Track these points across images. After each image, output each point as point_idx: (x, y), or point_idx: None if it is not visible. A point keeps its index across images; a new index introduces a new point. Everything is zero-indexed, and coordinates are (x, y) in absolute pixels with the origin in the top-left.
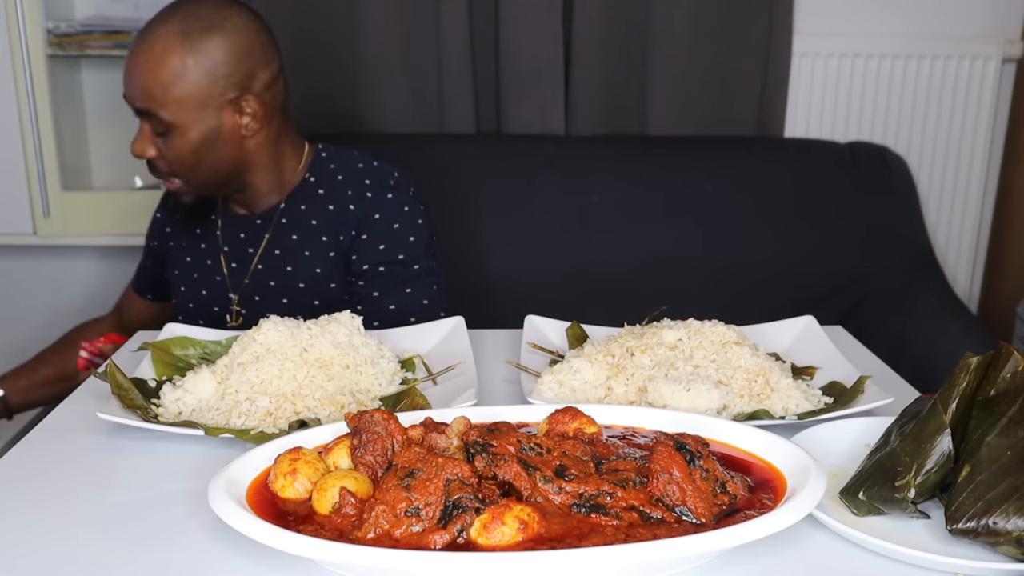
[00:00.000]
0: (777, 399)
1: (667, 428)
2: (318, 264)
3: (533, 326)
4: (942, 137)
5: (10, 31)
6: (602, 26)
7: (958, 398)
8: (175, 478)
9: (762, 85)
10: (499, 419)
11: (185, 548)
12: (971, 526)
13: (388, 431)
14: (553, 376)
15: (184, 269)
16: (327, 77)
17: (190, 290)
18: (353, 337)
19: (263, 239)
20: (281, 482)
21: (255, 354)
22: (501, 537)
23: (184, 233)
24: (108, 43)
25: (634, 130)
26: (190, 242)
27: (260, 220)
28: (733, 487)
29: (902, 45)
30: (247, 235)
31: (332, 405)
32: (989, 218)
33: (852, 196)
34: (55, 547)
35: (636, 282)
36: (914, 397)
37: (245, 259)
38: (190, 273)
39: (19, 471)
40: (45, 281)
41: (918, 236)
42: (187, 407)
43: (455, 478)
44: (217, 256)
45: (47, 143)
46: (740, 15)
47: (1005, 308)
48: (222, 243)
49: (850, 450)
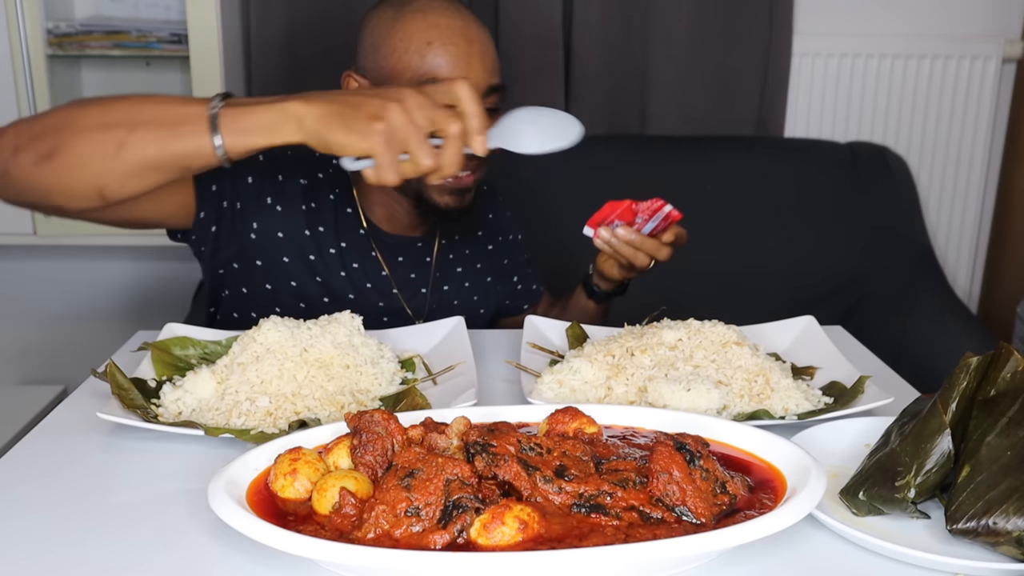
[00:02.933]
0: (777, 399)
1: (667, 428)
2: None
3: (533, 326)
4: (942, 137)
5: (10, 31)
6: (602, 26)
7: (958, 398)
8: (175, 478)
9: (762, 85)
10: (499, 419)
11: (185, 548)
12: (971, 526)
13: (388, 431)
14: (553, 376)
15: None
16: (326, 77)
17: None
18: (353, 337)
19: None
20: (281, 482)
21: (255, 354)
22: (501, 537)
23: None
24: (108, 43)
25: (634, 130)
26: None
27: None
28: (733, 487)
29: (902, 45)
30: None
31: (332, 405)
32: (989, 218)
33: (852, 196)
34: (55, 547)
35: (636, 282)
36: (914, 397)
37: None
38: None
39: (19, 471)
40: (45, 281)
41: (918, 236)
42: (187, 407)
43: (455, 478)
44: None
45: None
46: (740, 15)
47: (1005, 308)
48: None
49: (850, 450)
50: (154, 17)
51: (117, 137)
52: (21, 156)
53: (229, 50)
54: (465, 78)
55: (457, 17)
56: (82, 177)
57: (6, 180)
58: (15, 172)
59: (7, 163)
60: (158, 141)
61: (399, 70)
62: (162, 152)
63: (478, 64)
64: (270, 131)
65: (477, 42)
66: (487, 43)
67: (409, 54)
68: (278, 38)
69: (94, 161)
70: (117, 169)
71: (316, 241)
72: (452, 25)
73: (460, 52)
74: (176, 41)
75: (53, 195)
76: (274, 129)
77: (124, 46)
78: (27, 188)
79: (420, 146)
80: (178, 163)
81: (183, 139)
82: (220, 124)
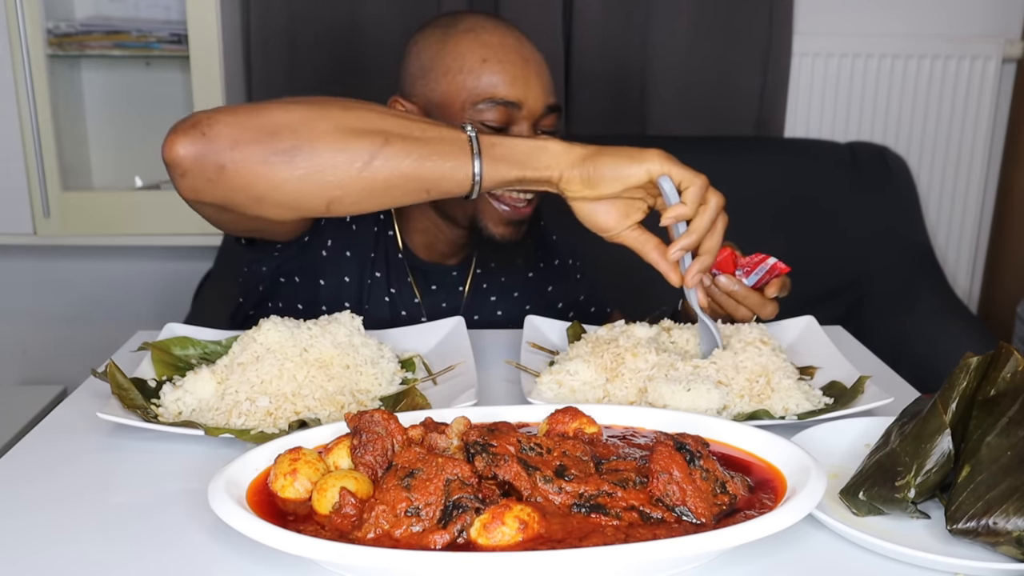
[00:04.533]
0: (777, 399)
1: (667, 428)
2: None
3: (533, 326)
4: (942, 137)
5: (10, 31)
6: (602, 26)
7: (958, 398)
8: (175, 478)
9: (762, 85)
10: (499, 419)
11: (185, 548)
12: (971, 526)
13: (388, 431)
14: (552, 377)
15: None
16: (326, 78)
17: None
18: (353, 337)
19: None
20: (281, 482)
21: (255, 354)
22: (501, 537)
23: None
24: (108, 43)
25: (634, 130)
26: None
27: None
28: (733, 487)
29: (902, 45)
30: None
31: (332, 405)
32: (989, 218)
33: (852, 196)
34: (55, 547)
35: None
36: (914, 397)
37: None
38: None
39: (19, 471)
40: (45, 281)
41: (918, 236)
42: (187, 407)
43: (455, 478)
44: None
45: (47, 143)
46: (740, 15)
47: (1005, 308)
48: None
49: (850, 450)
50: (154, 17)
51: (370, 147)
52: (245, 151)
53: (229, 50)
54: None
55: (510, 36)
56: (316, 185)
57: (219, 175)
58: (233, 168)
59: (223, 157)
60: (415, 157)
61: (453, 91)
62: (416, 170)
63: (535, 83)
64: (524, 162)
65: (533, 61)
66: (542, 63)
67: (463, 74)
68: (278, 38)
69: (336, 169)
70: (361, 181)
71: (368, 265)
72: (505, 43)
73: (517, 71)
74: (176, 41)
75: (269, 199)
76: (529, 160)
77: (124, 46)
78: (241, 188)
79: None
80: (426, 185)
81: (441, 159)
82: (482, 149)
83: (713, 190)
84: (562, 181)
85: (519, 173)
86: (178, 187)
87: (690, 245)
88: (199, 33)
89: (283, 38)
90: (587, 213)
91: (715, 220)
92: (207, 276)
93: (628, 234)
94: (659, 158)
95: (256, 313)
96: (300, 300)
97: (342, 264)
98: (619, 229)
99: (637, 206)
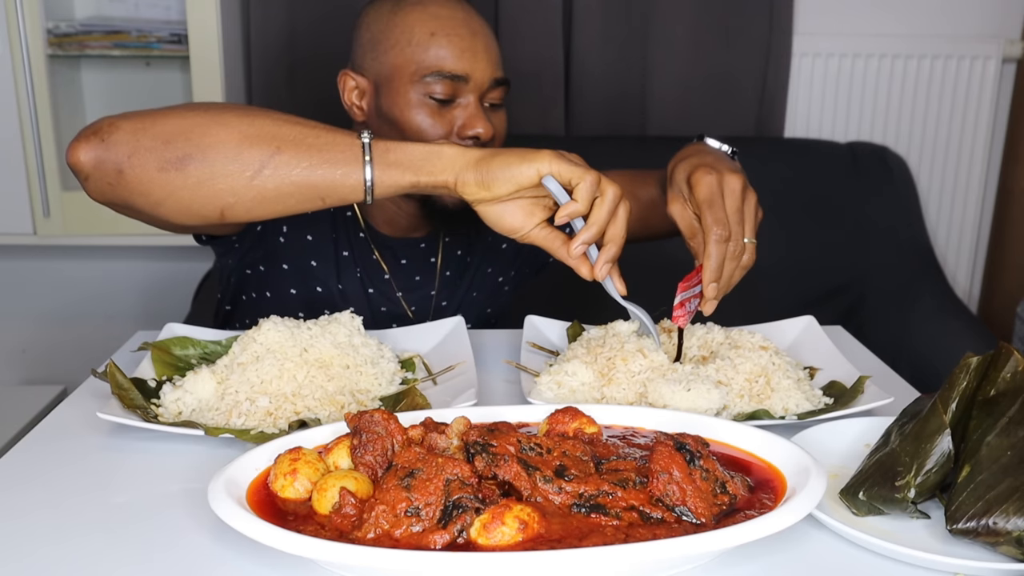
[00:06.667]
0: (777, 399)
1: (667, 428)
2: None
3: (533, 326)
4: (942, 137)
5: (10, 31)
6: (602, 26)
7: (958, 398)
8: (175, 478)
9: (762, 85)
10: (499, 419)
11: (185, 548)
12: (971, 526)
13: (388, 431)
14: (551, 377)
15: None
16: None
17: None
18: (353, 337)
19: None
20: (281, 482)
21: (255, 354)
22: (501, 537)
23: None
24: (108, 43)
25: (634, 130)
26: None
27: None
28: (733, 487)
29: (902, 45)
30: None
31: (332, 405)
32: (989, 218)
33: (852, 196)
34: (55, 547)
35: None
36: (914, 397)
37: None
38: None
39: (19, 471)
40: (45, 281)
41: (918, 236)
42: (187, 407)
43: (455, 478)
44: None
45: (47, 143)
46: (740, 16)
47: (1005, 308)
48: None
49: (850, 450)
50: (154, 17)
51: (260, 155)
52: (142, 158)
53: (229, 50)
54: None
55: (459, 9)
56: (209, 193)
57: (118, 180)
58: (131, 174)
59: (123, 163)
60: (305, 165)
61: (401, 64)
62: (307, 178)
63: (483, 56)
64: (419, 167)
65: (481, 34)
66: (490, 36)
67: (412, 47)
68: (278, 39)
69: (228, 177)
70: (252, 190)
71: (332, 246)
72: (454, 16)
73: (464, 44)
74: (176, 41)
75: (167, 205)
76: (423, 165)
77: (124, 46)
78: (139, 193)
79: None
80: (320, 192)
81: (332, 166)
82: (374, 155)
83: (608, 182)
84: (458, 184)
85: (413, 178)
86: (85, 189)
87: (590, 238)
88: (199, 33)
89: (283, 38)
90: (493, 216)
91: (614, 210)
92: (207, 276)
93: (536, 233)
94: (548, 158)
95: (233, 308)
96: (270, 288)
97: (306, 248)
98: (526, 229)
99: (542, 204)
